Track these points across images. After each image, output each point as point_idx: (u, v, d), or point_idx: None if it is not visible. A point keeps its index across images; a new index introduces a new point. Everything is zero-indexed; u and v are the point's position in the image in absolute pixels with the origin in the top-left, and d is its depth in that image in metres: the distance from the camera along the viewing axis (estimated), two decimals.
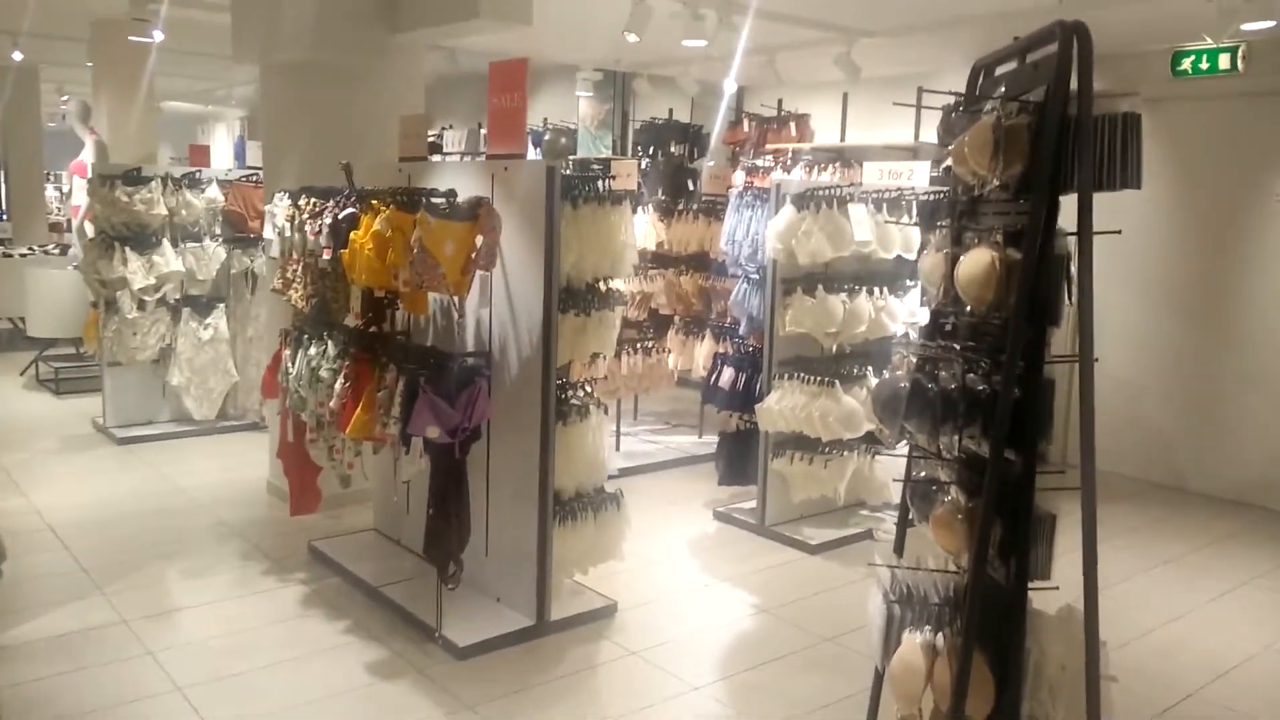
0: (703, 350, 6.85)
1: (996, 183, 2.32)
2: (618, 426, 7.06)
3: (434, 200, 3.69)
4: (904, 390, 2.39)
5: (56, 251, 11.34)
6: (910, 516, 2.78)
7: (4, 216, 14.14)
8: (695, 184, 7.55)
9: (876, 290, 5.27)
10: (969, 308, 2.43)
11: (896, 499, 5.50)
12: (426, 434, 3.69)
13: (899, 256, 5.29)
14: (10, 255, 11.00)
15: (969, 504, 2.45)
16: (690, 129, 8.37)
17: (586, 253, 3.97)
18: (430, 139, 12.24)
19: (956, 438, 2.37)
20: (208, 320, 7.36)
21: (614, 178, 4.30)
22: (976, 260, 2.32)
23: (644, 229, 6.94)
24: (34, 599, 4.38)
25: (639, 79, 8.97)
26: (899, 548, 2.85)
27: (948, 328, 2.67)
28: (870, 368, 5.34)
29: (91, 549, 5.02)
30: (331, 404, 4.09)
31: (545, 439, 3.95)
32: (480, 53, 7.98)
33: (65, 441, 7.14)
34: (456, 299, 3.92)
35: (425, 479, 3.95)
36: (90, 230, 7.25)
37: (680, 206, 7.19)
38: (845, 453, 5.35)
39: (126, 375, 7.32)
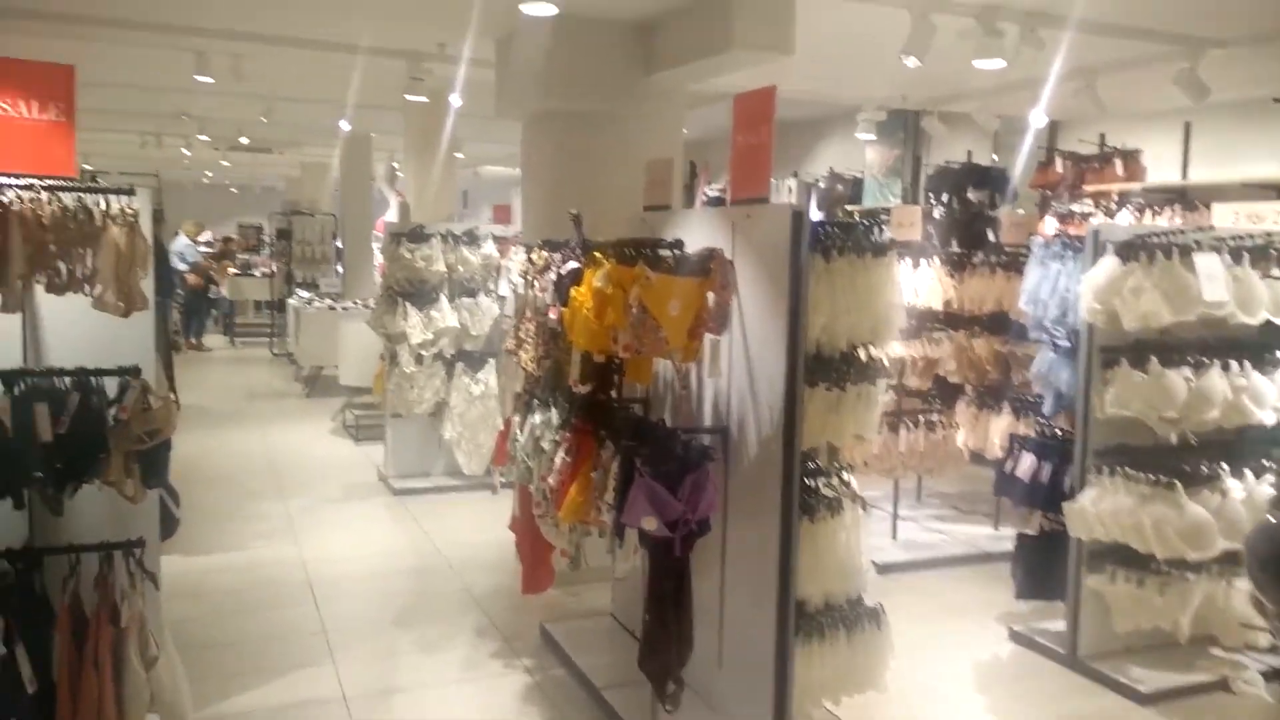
0: (999, 427, 5.83)
1: None
2: (894, 509, 6.15)
3: (658, 252, 3.18)
4: None
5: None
6: None
7: (338, 271, 15.70)
8: (996, 234, 6.56)
9: (1235, 364, 4.07)
10: None
11: (1263, 641, 4.22)
12: (642, 525, 3.15)
13: (1269, 322, 4.07)
14: (334, 308, 12.03)
15: None
16: (991, 172, 7.36)
17: (841, 314, 3.28)
18: (716, 193, 12.01)
19: None
20: (479, 375, 7.39)
21: (884, 225, 3.60)
22: None
23: (929, 285, 6.07)
24: (269, 661, 4.33)
25: (929, 117, 8.08)
26: None
27: None
28: (1225, 465, 4.12)
29: (338, 609, 4.97)
30: (550, 479, 3.68)
31: (786, 537, 3.27)
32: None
33: (349, 489, 7.42)
34: (684, 367, 3.37)
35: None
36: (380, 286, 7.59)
37: (975, 259, 6.23)
38: (1190, 575, 4.13)
39: (407, 426, 7.52)
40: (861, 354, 3.40)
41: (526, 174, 5.65)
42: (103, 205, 3.11)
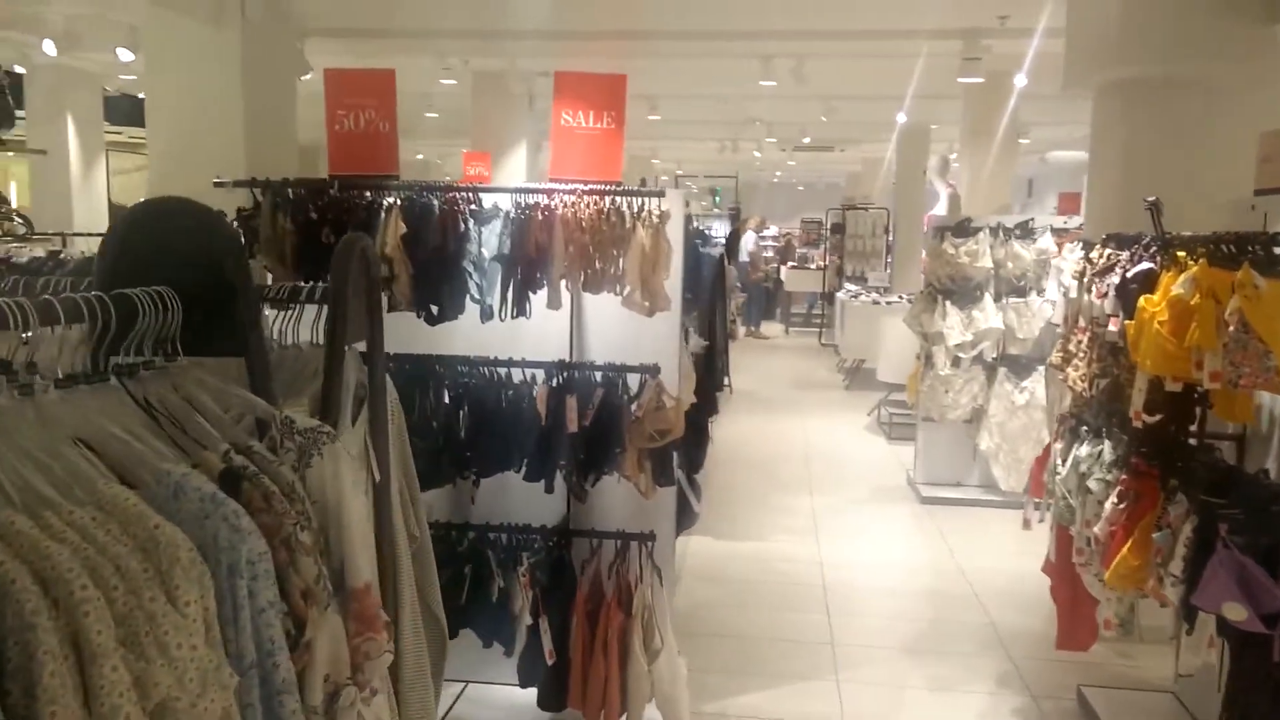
0: None
1: None
2: None
3: (1274, 250, 2.35)
4: None
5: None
6: None
7: (889, 266, 15.57)
8: None
9: None
10: None
11: None
12: (1224, 612, 2.38)
13: None
14: (878, 302, 11.89)
15: None
16: None
17: None
18: None
19: None
20: (1024, 383, 6.62)
21: None
22: None
23: None
24: (774, 664, 4.25)
25: None
26: None
27: None
28: None
29: (849, 622, 4.74)
30: (1096, 528, 3.00)
31: None
32: None
33: (875, 491, 7.18)
34: None
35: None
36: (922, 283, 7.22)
37: None
38: None
39: (939, 432, 7.05)
40: None
41: (1095, 157, 4.80)
42: (636, 208, 3.20)
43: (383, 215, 3.12)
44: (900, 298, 12.07)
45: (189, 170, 4.14)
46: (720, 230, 18.99)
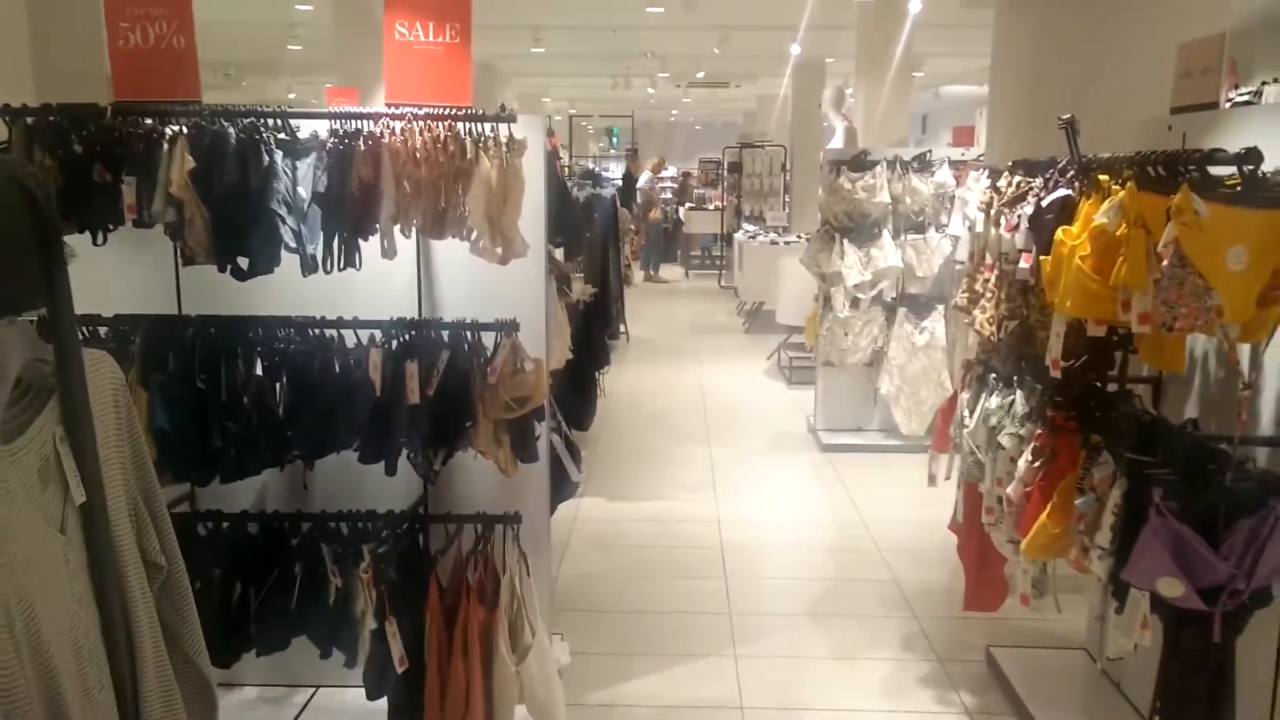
0: None
1: None
2: None
3: (1212, 170, 2.01)
4: None
5: None
6: None
7: (787, 205, 15.31)
8: None
9: None
10: None
11: None
12: (1158, 588, 2.08)
13: None
14: (775, 243, 11.60)
15: None
16: None
17: None
18: (1242, 97, 9.40)
19: None
20: (924, 323, 6.39)
21: None
22: None
23: None
24: (667, 642, 3.89)
25: None
26: None
27: None
28: None
29: (748, 586, 4.42)
30: (1008, 489, 2.68)
31: None
32: None
33: (774, 440, 6.90)
34: (1242, 349, 2.17)
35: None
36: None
37: None
38: None
39: (838, 376, 6.80)
40: None
41: (996, 78, 4.48)
42: (482, 136, 2.71)
43: (165, 146, 2.55)
44: (798, 237, 11.80)
45: None
46: (617, 171, 18.37)
